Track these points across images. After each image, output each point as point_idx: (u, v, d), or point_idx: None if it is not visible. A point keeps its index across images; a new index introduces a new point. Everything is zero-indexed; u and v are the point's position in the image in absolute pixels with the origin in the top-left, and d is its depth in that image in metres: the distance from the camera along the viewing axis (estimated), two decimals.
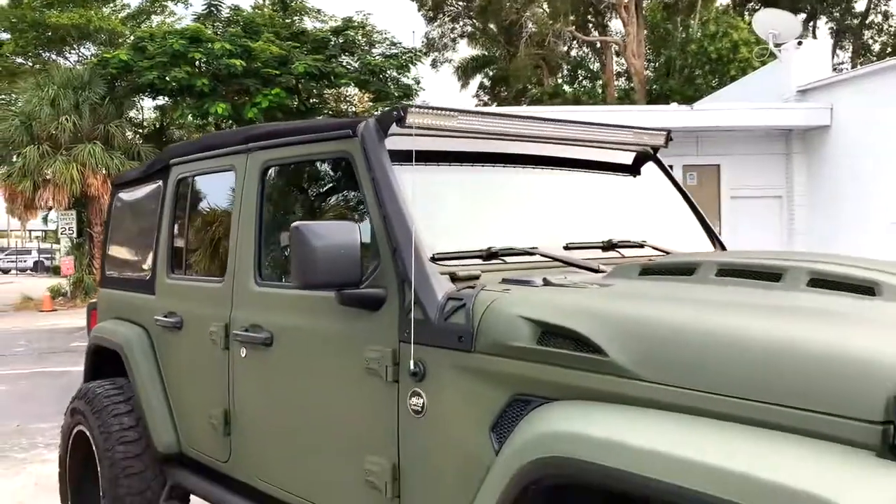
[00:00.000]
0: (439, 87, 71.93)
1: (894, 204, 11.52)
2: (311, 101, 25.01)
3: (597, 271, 2.52)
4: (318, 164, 2.92)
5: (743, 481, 1.41)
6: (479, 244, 2.52)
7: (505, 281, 2.31)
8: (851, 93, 12.80)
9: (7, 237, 59.84)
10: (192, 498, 3.60)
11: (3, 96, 27.95)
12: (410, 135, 2.51)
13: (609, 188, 3.30)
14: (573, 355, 1.90)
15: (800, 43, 14.16)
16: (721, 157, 14.32)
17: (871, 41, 33.24)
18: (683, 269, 2.29)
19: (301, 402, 2.74)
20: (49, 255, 43.86)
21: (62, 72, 21.43)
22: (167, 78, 20.00)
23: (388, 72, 24.24)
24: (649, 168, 3.47)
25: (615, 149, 3.31)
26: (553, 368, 1.94)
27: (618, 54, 31.01)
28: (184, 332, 3.42)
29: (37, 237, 55.76)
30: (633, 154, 3.43)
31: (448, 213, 2.65)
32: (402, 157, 2.50)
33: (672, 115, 14.11)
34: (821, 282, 2.00)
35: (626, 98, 29.69)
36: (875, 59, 28.90)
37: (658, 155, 3.49)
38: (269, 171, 3.03)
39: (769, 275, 2.09)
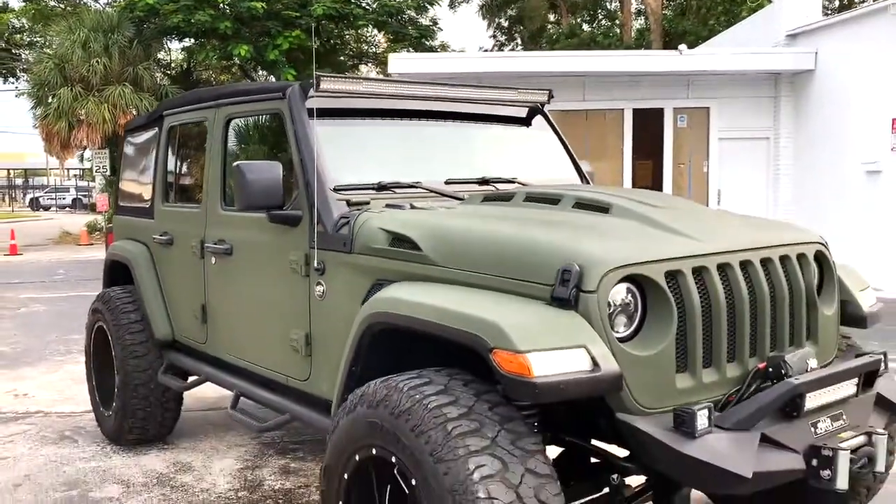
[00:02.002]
0: (458, 28, 71.49)
1: (867, 147, 12.10)
2: (331, 42, 25.60)
3: (460, 199, 3.45)
4: (262, 117, 3.86)
5: (462, 315, 2.36)
6: (374, 179, 3.45)
7: (387, 206, 3.25)
8: (835, 38, 13.26)
9: (46, 175, 61.75)
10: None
11: (39, 38, 29.01)
12: (327, 97, 3.43)
13: (497, 137, 4.20)
14: (406, 252, 2.85)
15: None
16: (711, 101, 14.89)
17: None
18: (506, 197, 3.22)
19: (250, 294, 3.75)
20: (86, 193, 45.19)
21: (92, 15, 22.21)
22: (192, 21, 20.69)
23: (406, 13, 24.71)
24: (538, 120, 4.33)
25: (507, 105, 4.19)
26: (395, 262, 2.90)
27: None
28: (174, 247, 4.43)
29: (74, 175, 57.44)
30: (526, 109, 4.29)
31: (352, 156, 3.58)
32: (322, 113, 3.42)
33: (663, 60, 14.68)
34: (581, 204, 2.92)
35: (641, 38, 29.86)
36: (863, 4, 28.65)
37: (545, 109, 4.33)
38: (231, 122, 3.98)
39: (552, 200, 3.02)
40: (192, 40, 23.54)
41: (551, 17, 33.29)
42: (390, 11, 23.51)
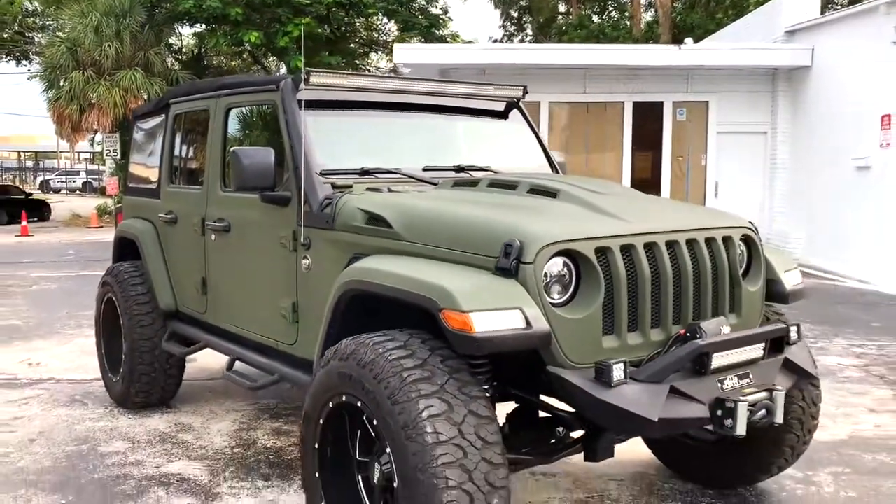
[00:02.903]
0: (469, 18, 71.62)
1: (858, 144, 12.40)
2: (341, 29, 25.90)
3: (434, 184, 3.82)
4: (258, 107, 4.24)
5: (419, 281, 2.74)
6: (358, 165, 3.83)
7: (367, 189, 3.63)
8: (831, 35, 13.54)
9: (57, 158, 62.36)
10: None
11: (51, 22, 29.41)
12: (316, 90, 3.81)
13: (475, 129, 4.57)
14: (379, 229, 3.23)
15: None
16: (710, 95, 15.20)
17: None
18: (473, 183, 3.60)
19: (245, 267, 4.14)
20: (97, 176, 45.63)
21: None
22: (203, 6, 21.00)
23: (417, 2, 24.97)
24: (514, 114, 4.68)
25: (485, 99, 4.55)
26: (371, 238, 3.28)
27: None
28: (178, 225, 4.83)
29: (85, 158, 57.99)
30: (503, 103, 4.65)
31: (338, 144, 3.96)
32: (311, 105, 3.80)
33: (663, 54, 14.98)
34: (534, 190, 3.30)
35: (650, 31, 30.07)
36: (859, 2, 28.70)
37: (520, 103, 4.69)
38: (230, 111, 4.36)
39: (511, 186, 3.39)
40: (203, 26, 23.85)
41: (561, 8, 33.44)
42: (400, 0, 23.77)
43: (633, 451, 4.38)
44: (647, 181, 15.57)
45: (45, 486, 3.98)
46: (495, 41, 35.89)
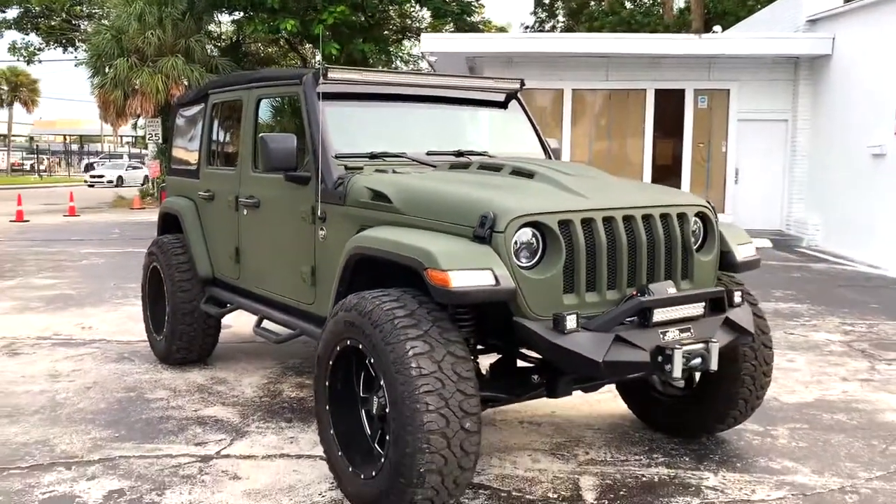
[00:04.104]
0: (500, 4, 71.48)
1: (874, 132, 12.65)
2: (375, 17, 26.39)
3: (434, 167, 4.37)
4: (284, 98, 4.82)
5: (409, 246, 3.30)
6: (369, 150, 4.40)
7: (375, 171, 4.20)
8: (851, 24, 13.76)
9: (101, 142, 64.00)
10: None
11: (97, 10, 30.41)
12: (334, 84, 4.38)
13: (476, 118, 5.12)
14: (382, 204, 3.80)
15: None
16: (731, 83, 15.50)
17: None
18: (465, 166, 4.15)
19: (272, 238, 4.75)
20: (140, 161, 46.54)
21: None
22: None
23: None
24: (513, 104, 5.21)
25: (486, 91, 5.08)
26: (375, 212, 3.85)
27: None
28: (214, 202, 5.45)
29: (127, 142, 59.45)
30: (503, 95, 5.17)
31: (352, 131, 4.53)
32: (329, 97, 4.37)
33: (684, 43, 15.31)
34: (515, 172, 3.84)
35: (681, 18, 30.15)
36: None
37: (518, 95, 5.21)
38: (260, 101, 4.96)
39: (496, 168, 3.94)
40: (242, 13, 24.49)
41: None
42: None
43: (612, 406, 4.94)
44: (668, 167, 15.95)
45: (101, 423, 4.65)
46: (527, 27, 36.19)
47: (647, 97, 15.74)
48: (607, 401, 5.00)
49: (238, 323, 6.83)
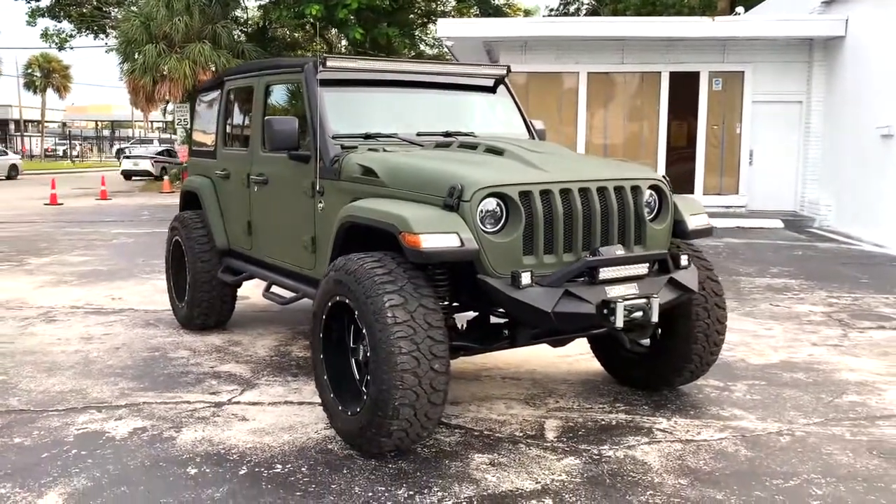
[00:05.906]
0: None
1: (885, 113, 12.84)
2: (399, 1, 26.72)
3: (422, 146, 4.84)
4: (289, 85, 5.32)
5: (387, 213, 3.79)
6: (363, 131, 4.88)
7: (368, 150, 4.69)
8: (864, 5, 13.90)
9: (132, 128, 65.27)
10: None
11: None
12: (332, 71, 4.87)
13: (466, 102, 5.57)
14: (370, 179, 4.29)
15: None
16: (746, 65, 15.71)
17: None
18: (448, 145, 4.62)
19: (279, 211, 5.26)
20: (170, 145, 47.44)
21: None
22: None
23: None
24: (501, 89, 5.66)
25: (475, 77, 5.54)
26: (364, 185, 4.33)
27: None
28: (230, 180, 5.98)
29: (157, 127, 60.55)
30: (492, 80, 5.62)
31: (348, 114, 5.01)
32: (328, 83, 4.86)
33: (699, 26, 15.53)
34: (488, 150, 4.31)
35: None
36: None
37: (506, 80, 5.65)
38: (269, 87, 5.46)
39: (473, 147, 4.41)
40: None
41: None
42: None
43: (587, 365, 5.40)
44: (682, 149, 16.23)
45: (128, 376, 5.22)
46: (551, 10, 36.34)
47: (661, 80, 16.00)
48: (585, 361, 5.47)
49: (255, 294, 7.37)
